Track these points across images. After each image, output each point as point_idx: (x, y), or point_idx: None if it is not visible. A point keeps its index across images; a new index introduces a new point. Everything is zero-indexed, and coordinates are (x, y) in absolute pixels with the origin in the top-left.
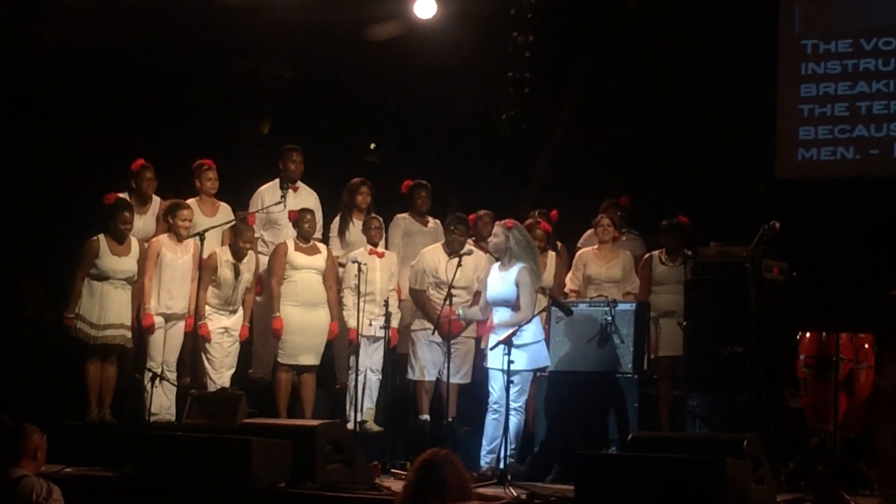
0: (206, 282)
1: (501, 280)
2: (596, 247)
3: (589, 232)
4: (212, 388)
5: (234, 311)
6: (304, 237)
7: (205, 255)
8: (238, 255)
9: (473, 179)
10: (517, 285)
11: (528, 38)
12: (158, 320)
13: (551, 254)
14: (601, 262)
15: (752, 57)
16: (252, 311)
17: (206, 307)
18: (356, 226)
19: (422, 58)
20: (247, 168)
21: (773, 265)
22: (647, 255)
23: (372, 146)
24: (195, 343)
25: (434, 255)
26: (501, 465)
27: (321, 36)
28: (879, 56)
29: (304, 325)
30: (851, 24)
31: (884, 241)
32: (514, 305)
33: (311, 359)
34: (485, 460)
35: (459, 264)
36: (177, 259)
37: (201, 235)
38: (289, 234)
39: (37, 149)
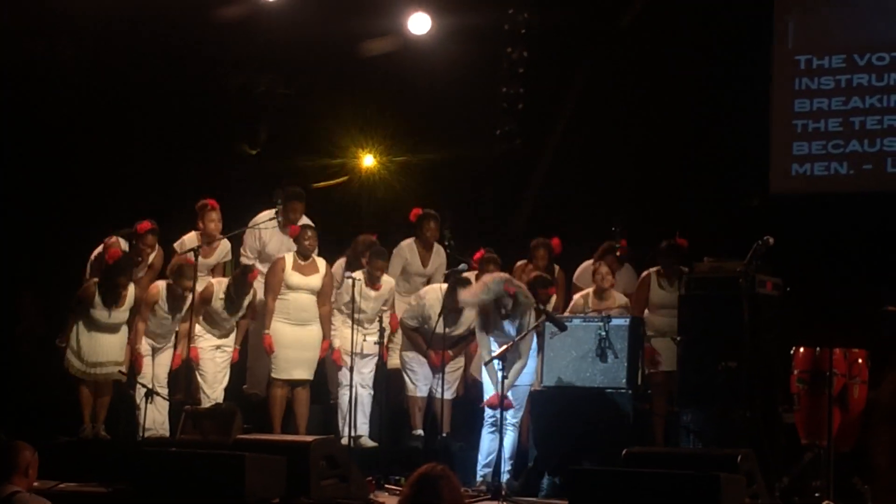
0: (199, 311)
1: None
2: (592, 289)
3: (586, 265)
4: (206, 402)
5: (225, 336)
6: (303, 254)
7: (198, 288)
8: (232, 303)
9: (468, 195)
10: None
11: (522, 54)
12: (146, 348)
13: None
14: (597, 302)
15: (745, 72)
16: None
17: (197, 327)
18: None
19: (416, 73)
20: (241, 184)
21: (766, 280)
22: (644, 274)
23: (366, 158)
24: (187, 359)
25: (434, 301)
26: (497, 480)
27: (316, 52)
28: (873, 71)
29: (296, 340)
30: (845, 39)
31: (877, 256)
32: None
33: (304, 373)
34: (481, 474)
35: (456, 280)
36: (172, 317)
37: (196, 251)
38: (284, 247)
39: (31, 164)
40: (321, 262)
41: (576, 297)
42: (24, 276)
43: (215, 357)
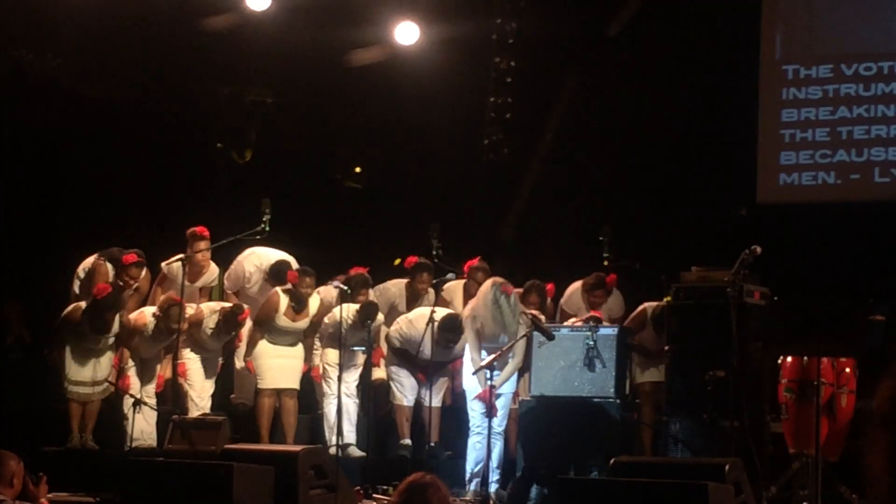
0: (189, 337)
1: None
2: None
3: (573, 288)
4: (194, 412)
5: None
6: (298, 301)
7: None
8: (218, 336)
9: (455, 204)
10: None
11: (509, 63)
12: (131, 365)
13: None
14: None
15: (733, 82)
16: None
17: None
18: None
19: (404, 83)
20: (228, 193)
21: (754, 290)
22: (641, 308)
23: (357, 169)
24: (175, 370)
25: (424, 328)
26: (488, 489)
27: (303, 61)
28: (860, 81)
29: (280, 351)
30: (832, 49)
31: (864, 265)
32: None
33: (290, 382)
34: (470, 485)
35: (440, 290)
36: (157, 345)
37: (184, 262)
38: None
39: (18, 171)
40: (313, 305)
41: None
42: (10, 285)
43: (202, 367)
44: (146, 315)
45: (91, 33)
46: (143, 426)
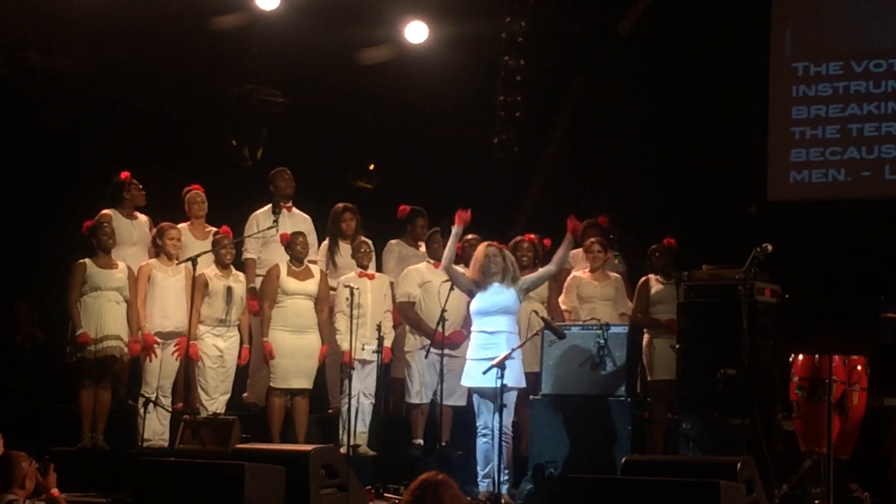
0: (199, 302)
1: (501, 292)
2: (587, 269)
3: (575, 252)
4: (203, 413)
5: (228, 329)
6: (297, 259)
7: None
8: (223, 265)
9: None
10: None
11: (519, 62)
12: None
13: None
14: (594, 282)
15: (743, 80)
16: (251, 332)
17: (201, 327)
18: (344, 250)
19: (413, 82)
20: (239, 192)
21: (765, 287)
22: (642, 280)
23: (371, 167)
24: (189, 367)
25: (420, 267)
26: (499, 489)
27: (313, 60)
28: (870, 78)
29: (294, 348)
30: (842, 46)
31: (875, 262)
32: (516, 313)
33: (303, 382)
34: (482, 484)
35: (452, 288)
36: (168, 279)
37: (194, 260)
38: (284, 253)
39: (27, 174)
40: (315, 268)
41: (568, 279)
42: (20, 286)
43: (217, 367)
44: (150, 260)
45: (100, 33)
46: (155, 426)
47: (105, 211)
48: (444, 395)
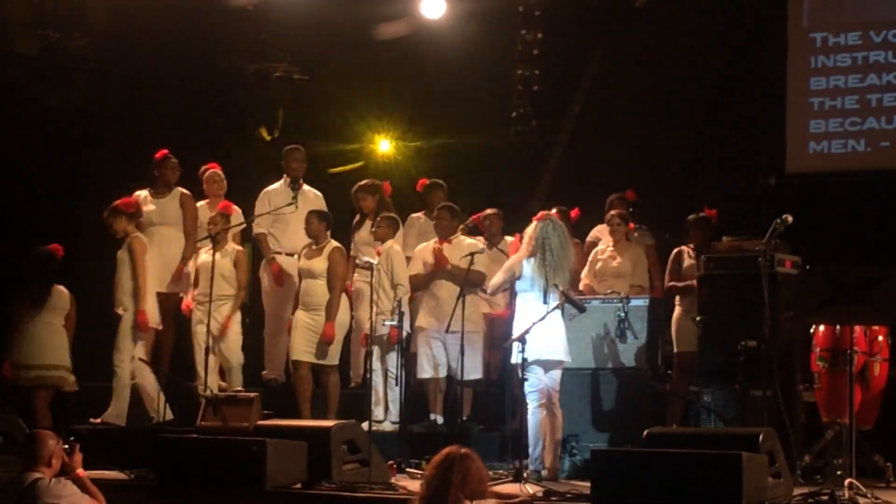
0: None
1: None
2: (610, 242)
3: (600, 227)
4: (201, 389)
5: (215, 304)
6: (312, 237)
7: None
8: (214, 241)
9: (483, 177)
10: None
11: (536, 35)
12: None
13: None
14: (609, 259)
15: (761, 51)
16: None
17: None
18: (366, 226)
19: (431, 57)
20: (256, 168)
21: (785, 259)
22: (676, 250)
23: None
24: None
25: (431, 245)
26: (532, 466)
27: (330, 36)
28: (889, 48)
29: (299, 324)
30: (860, 16)
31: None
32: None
33: (308, 357)
34: (534, 459)
35: (472, 263)
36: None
37: (213, 238)
38: (298, 233)
39: (44, 153)
40: (329, 248)
41: (594, 249)
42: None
43: (200, 340)
44: (141, 238)
45: (117, 12)
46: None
47: (138, 192)
48: (464, 370)
